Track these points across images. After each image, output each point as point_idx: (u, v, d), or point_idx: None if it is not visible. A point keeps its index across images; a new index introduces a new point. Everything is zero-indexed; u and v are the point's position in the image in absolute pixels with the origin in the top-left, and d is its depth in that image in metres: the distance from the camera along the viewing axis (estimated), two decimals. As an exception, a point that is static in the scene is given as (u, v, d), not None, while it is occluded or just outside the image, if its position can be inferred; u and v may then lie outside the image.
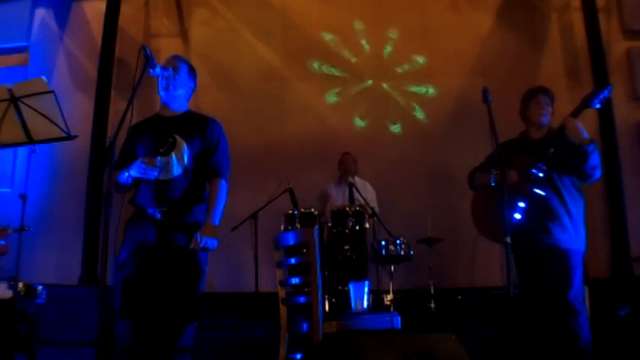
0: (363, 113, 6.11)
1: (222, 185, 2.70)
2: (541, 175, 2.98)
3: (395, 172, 5.79)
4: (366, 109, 6.11)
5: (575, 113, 2.98)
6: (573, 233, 2.99)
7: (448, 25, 6.15)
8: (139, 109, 2.52)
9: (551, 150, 2.97)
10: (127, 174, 2.58)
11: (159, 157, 2.59)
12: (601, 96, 2.97)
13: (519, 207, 3.00)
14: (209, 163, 2.70)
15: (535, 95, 3.18)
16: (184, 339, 2.50)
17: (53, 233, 5.64)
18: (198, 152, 2.67)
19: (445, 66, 6.11)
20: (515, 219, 2.97)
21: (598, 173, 2.99)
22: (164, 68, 2.66)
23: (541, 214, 3.00)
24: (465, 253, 5.44)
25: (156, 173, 2.53)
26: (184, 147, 2.64)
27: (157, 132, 2.67)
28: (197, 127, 2.72)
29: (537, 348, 2.99)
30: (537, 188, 2.98)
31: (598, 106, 2.99)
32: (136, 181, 2.63)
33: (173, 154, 2.61)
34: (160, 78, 2.68)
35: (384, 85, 6.19)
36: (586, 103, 2.99)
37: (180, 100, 2.77)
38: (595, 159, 2.92)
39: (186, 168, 2.63)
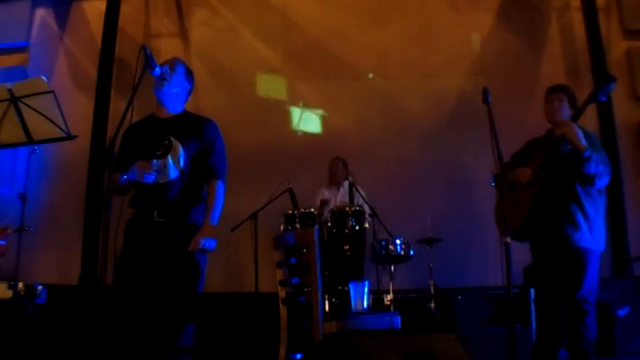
0: (363, 112, 6.10)
1: (220, 186, 2.70)
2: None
3: (395, 171, 5.78)
4: (365, 108, 6.10)
5: (578, 114, 3.00)
6: (587, 232, 2.97)
7: (448, 25, 6.15)
8: (139, 109, 2.52)
9: (569, 147, 2.94)
10: (125, 177, 2.57)
11: (155, 160, 2.58)
12: (607, 89, 2.95)
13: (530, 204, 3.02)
14: (206, 164, 2.69)
15: (547, 95, 3.21)
16: (184, 339, 2.50)
17: (53, 233, 5.64)
18: (194, 154, 2.66)
19: (445, 66, 6.11)
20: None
21: (600, 182, 2.94)
22: (161, 66, 2.66)
23: (554, 211, 3.00)
24: (465, 253, 5.44)
25: (153, 177, 2.53)
26: (180, 149, 2.63)
27: (153, 134, 2.67)
28: (193, 128, 2.71)
29: (541, 342, 3.00)
30: (549, 186, 3.00)
31: (604, 99, 2.98)
32: (135, 184, 2.63)
33: (169, 157, 2.61)
34: (156, 77, 2.67)
35: (384, 85, 6.18)
36: (593, 98, 2.97)
37: (175, 100, 2.76)
38: (594, 167, 2.89)
39: (183, 170, 2.62)
